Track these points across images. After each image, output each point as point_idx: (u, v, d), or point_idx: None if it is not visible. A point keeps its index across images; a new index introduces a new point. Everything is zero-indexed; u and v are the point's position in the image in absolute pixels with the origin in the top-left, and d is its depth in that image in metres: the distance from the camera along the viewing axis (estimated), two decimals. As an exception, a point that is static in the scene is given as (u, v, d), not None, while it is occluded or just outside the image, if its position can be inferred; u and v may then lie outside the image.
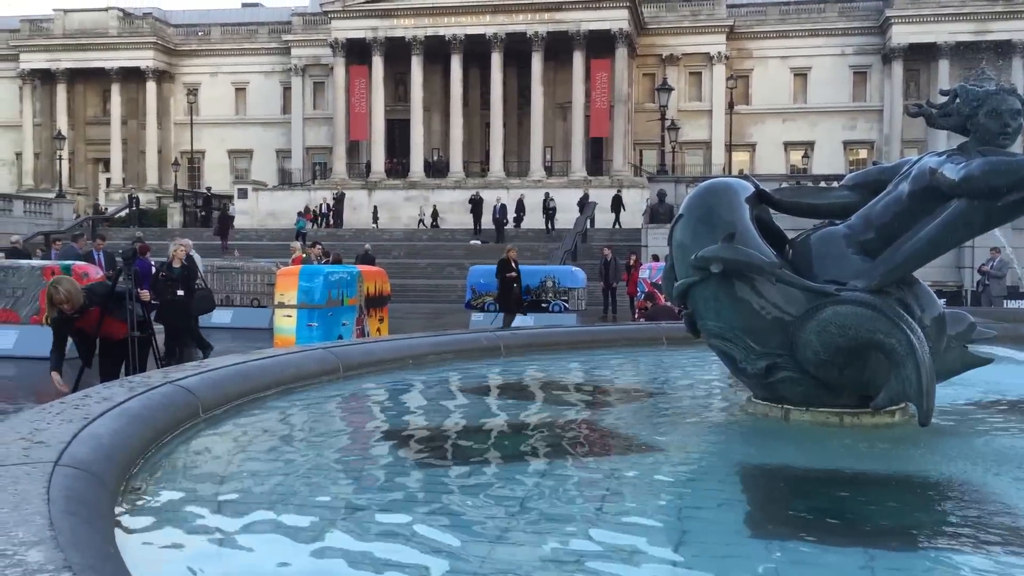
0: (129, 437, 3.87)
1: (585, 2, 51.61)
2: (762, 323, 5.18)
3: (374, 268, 14.38)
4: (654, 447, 4.88)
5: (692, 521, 3.62)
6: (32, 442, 3.22)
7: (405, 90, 55.18)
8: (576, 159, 52.73)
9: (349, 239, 39.64)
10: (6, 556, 2.06)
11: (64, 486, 2.74)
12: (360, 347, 7.74)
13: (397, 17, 53.30)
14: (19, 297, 14.89)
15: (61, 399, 4.32)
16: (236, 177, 58.57)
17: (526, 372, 7.84)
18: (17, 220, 38.33)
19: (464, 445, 5.08)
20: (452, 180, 51.92)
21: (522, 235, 40.35)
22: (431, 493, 3.98)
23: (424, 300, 29.75)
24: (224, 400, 5.29)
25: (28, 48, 60.60)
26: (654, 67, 55.68)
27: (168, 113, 61.75)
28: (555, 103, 55.04)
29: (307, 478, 4.17)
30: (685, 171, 49.89)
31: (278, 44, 60.59)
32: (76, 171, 60.71)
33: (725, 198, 5.44)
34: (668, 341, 9.04)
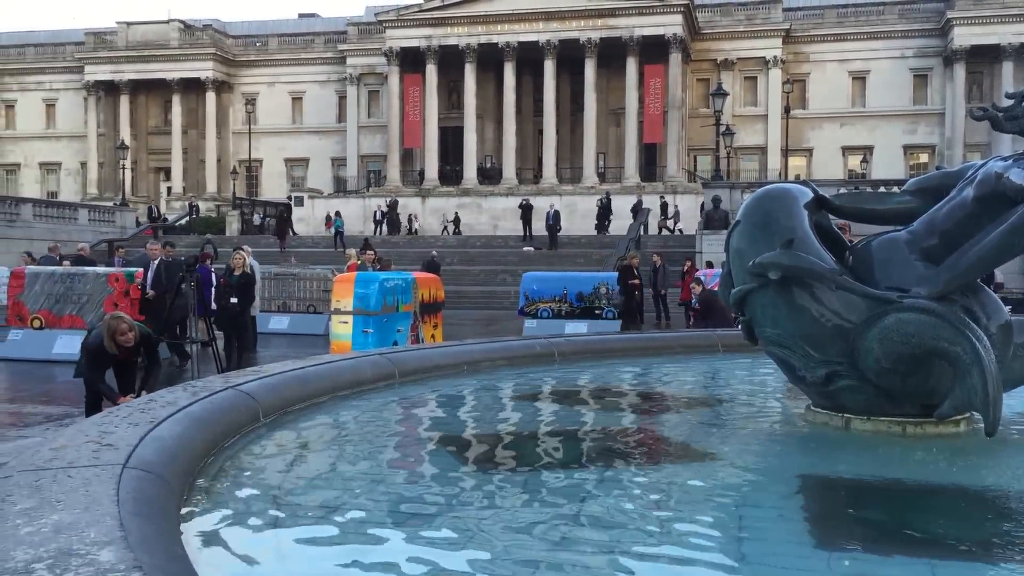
0: (192, 440, 3.95)
1: (639, 8, 51.43)
2: (822, 330, 5.10)
3: (429, 275, 14.48)
4: (711, 455, 4.83)
5: (751, 531, 3.58)
6: (101, 445, 3.31)
7: (458, 97, 55.50)
8: (629, 165, 52.51)
9: (403, 246, 39.98)
10: (79, 555, 2.12)
11: (132, 488, 2.81)
12: (416, 353, 7.80)
13: (451, 25, 53.66)
14: (84, 303, 15.27)
15: (128, 403, 4.42)
16: (292, 185, 59.41)
17: (580, 379, 7.83)
18: (82, 228, 39.35)
19: (519, 451, 5.09)
20: (505, 187, 52.05)
21: (574, 241, 40.29)
22: (486, 499, 3.99)
23: (477, 306, 29.83)
24: (283, 405, 5.37)
25: (92, 60, 62.21)
26: (708, 72, 55.23)
27: (227, 123, 62.90)
28: (608, 109, 54.90)
29: (364, 482, 4.22)
30: (740, 177, 49.42)
31: (334, 54, 61.39)
32: (138, 180, 62.12)
33: (783, 204, 5.38)
34: (724, 348, 8.95)
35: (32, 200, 42.06)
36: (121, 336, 7.08)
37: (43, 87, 65.80)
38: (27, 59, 66.19)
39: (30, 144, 65.82)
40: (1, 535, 2.28)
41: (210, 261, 18.22)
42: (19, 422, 9.79)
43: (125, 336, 7.09)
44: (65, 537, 2.25)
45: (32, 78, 65.93)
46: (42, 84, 65.81)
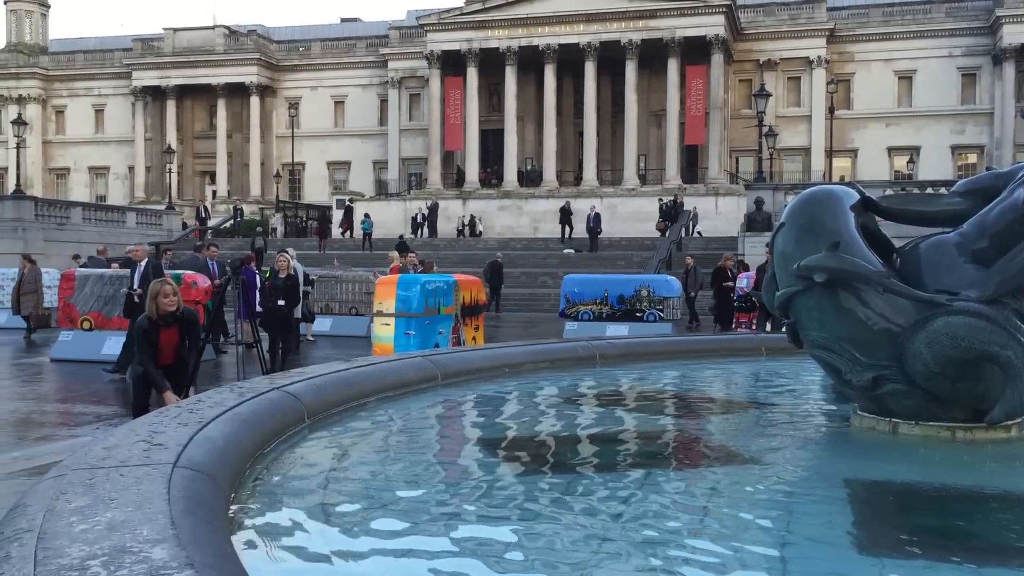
0: (240, 440, 4.00)
1: (680, 9, 51.16)
2: (868, 334, 5.03)
3: (470, 277, 14.51)
4: (756, 459, 4.79)
5: (797, 536, 3.55)
6: (152, 444, 3.37)
7: (499, 100, 55.62)
8: (670, 167, 52.23)
9: (444, 248, 40.14)
10: (132, 553, 2.16)
11: (183, 486, 2.86)
12: (458, 355, 7.83)
13: (491, 28, 53.80)
14: (133, 305, 15.51)
15: (177, 403, 4.50)
16: (334, 188, 59.95)
17: (622, 381, 7.81)
18: (130, 231, 40.06)
19: (561, 454, 5.09)
20: (545, 189, 52.05)
21: (615, 243, 40.18)
22: (528, 501, 3.99)
23: (518, 309, 29.88)
24: (328, 406, 5.42)
25: (140, 66, 63.31)
26: (751, 72, 54.76)
27: (270, 127, 63.65)
28: (649, 111, 54.66)
29: (408, 483, 4.24)
30: (783, 178, 48.91)
31: (375, 57, 61.85)
32: (184, 183, 63.06)
33: (829, 206, 5.32)
34: (767, 351, 8.87)
35: (82, 204, 42.93)
36: (164, 299, 7.23)
37: (92, 93, 67.10)
38: (77, 65, 67.56)
39: (79, 149, 67.16)
40: (56, 532, 2.33)
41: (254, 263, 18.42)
42: (70, 422, 9.99)
43: (168, 299, 7.24)
44: (118, 535, 2.30)
45: (81, 84, 67.27)
46: (91, 90, 67.12)
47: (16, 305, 21.01)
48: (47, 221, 35.90)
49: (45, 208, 37.08)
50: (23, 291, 20.79)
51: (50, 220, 36.21)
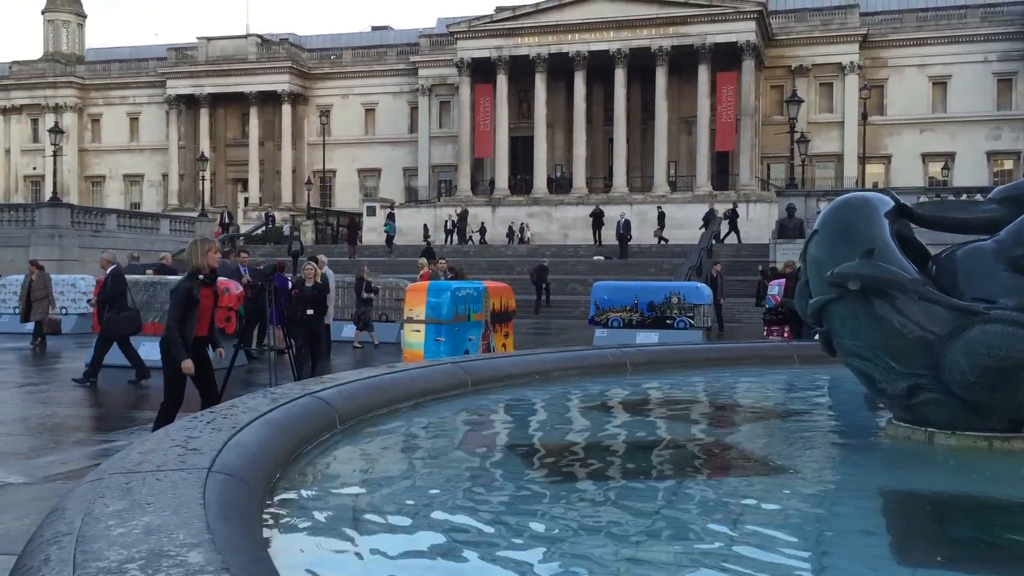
0: (273, 446, 4.03)
1: (711, 15, 51.00)
2: (904, 342, 4.98)
3: (500, 284, 14.52)
4: (789, 469, 4.75)
5: (832, 546, 3.51)
6: (187, 449, 3.40)
7: (528, 107, 55.72)
8: (701, 173, 52.01)
9: (473, 255, 40.23)
10: (169, 556, 2.18)
11: (218, 491, 2.88)
12: (488, 362, 7.83)
13: (521, 36, 53.93)
14: (167, 311, 15.66)
15: (210, 409, 4.53)
16: (365, 195, 60.34)
17: (652, 389, 7.77)
18: (164, 238, 40.54)
19: (590, 462, 5.07)
20: (575, 196, 52.03)
21: (645, 250, 40.05)
22: (558, 509, 3.98)
23: (547, 316, 29.83)
24: (359, 412, 5.44)
25: (174, 75, 64.15)
26: (782, 79, 54.44)
27: (302, 134, 64.19)
28: (679, 117, 54.50)
29: (438, 489, 4.25)
30: (815, 185, 48.51)
31: (406, 65, 62.21)
32: (217, 191, 63.75)
33: (863, 212, 5.27)
34: (800, 359, 8.80)
35: (117, 211, 43.53)
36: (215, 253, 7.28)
37: (127, 101, 68.08)
38: (112, 74, 68.59)
39: (115, 157, 68.14)
40: (95, 535, 2.36)
41: (286, 270, 18.58)
42: (105, 426, 10.11)
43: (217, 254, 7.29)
44: (155, 538, 2.32)
45: (117, 93, 68.27)
46: (126, 98, 68.10)
47: (26, 312, 20.45)
48: (83, 228, 36.42)
49: (81, 215, 37.63)
50: (33, 297, 20.19)
51: (86, 227, 36.73)
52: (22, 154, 68.82)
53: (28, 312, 20.36)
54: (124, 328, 13.66)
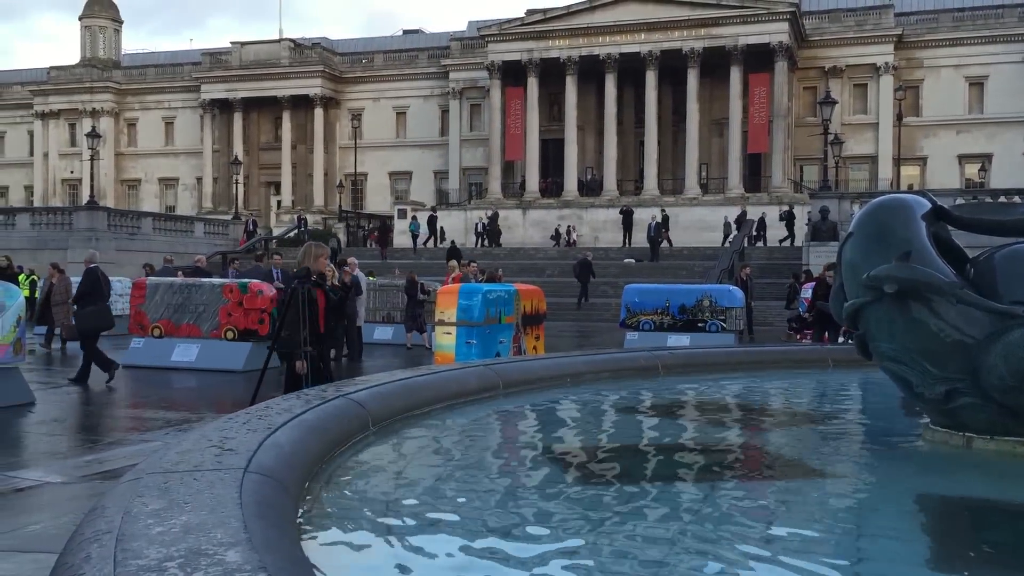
0: (307, 447, 4.06)
1: (743, 16, 50.69)
2: (941, 346, 4.91)
3: (531, 287, 14.53)
4: (823, 473, 4.71)
5: (868, 552, 3.47)
6: (223, 449, 3.43)
7: (559, 110, 55.70)
8: (733, 176, 51.70)
9: (504, 257, 40.25)
10: (207, 555, 2.21)
11: (253, 491, 2.91)
12: (519, 365, 7.84)
13: (552, 38, 53.94)
14: (201, 313, 15.87)
15: (245, 410, 4.58)
16: (396, 198, 60.61)
17: (684, 392, 7.73)
18: (198, 240, 41.02)
19: (622, 465, 5.05)
20: (606, 198, 51.92)
21: (676, 253, 39.87)
22: (590, 512, 3.97)
23: (579, 319, 29.81)
24: (391, 413, 5.46)
25: (208, 80, 64.86)
26: (816, 80, 53.99)
27: (334, 137, 64.63)
28: (711, 119, 54.22)
29: (471, 491, 4.26)
30: (849, 187, 48.08)
31: (437, 69, 62.44)
32: (250, 194, 64.34)
33: (900, 215, 5.21)
34: (834, 363, 8.71)
35: (152, 214, 44.11)
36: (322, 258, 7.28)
37: (162, 106, 68.93)
38: (148, 79, 69.48)
39: (150, 160, 69.01)
40: (134, 534, 2.39)
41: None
42: (141, 427, 10.24)
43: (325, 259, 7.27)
44: (194, 537, 2.35)
45: (152, 97, 69.14)
46: (161, 103, 68.95)
47: (40, 315, 19.87)
48: (119, 231, 36.94)
49: (117, 218, 38.16)
50: (54, 302, 19.52)
51: (122, 230, 37.25)
52: (60, 158, 69.89)
53: (44, 315, 19.90)
54: (93, 323, 13.48)
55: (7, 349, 10.75)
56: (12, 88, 73.64)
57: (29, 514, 6.41)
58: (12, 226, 36.74)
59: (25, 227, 36.43)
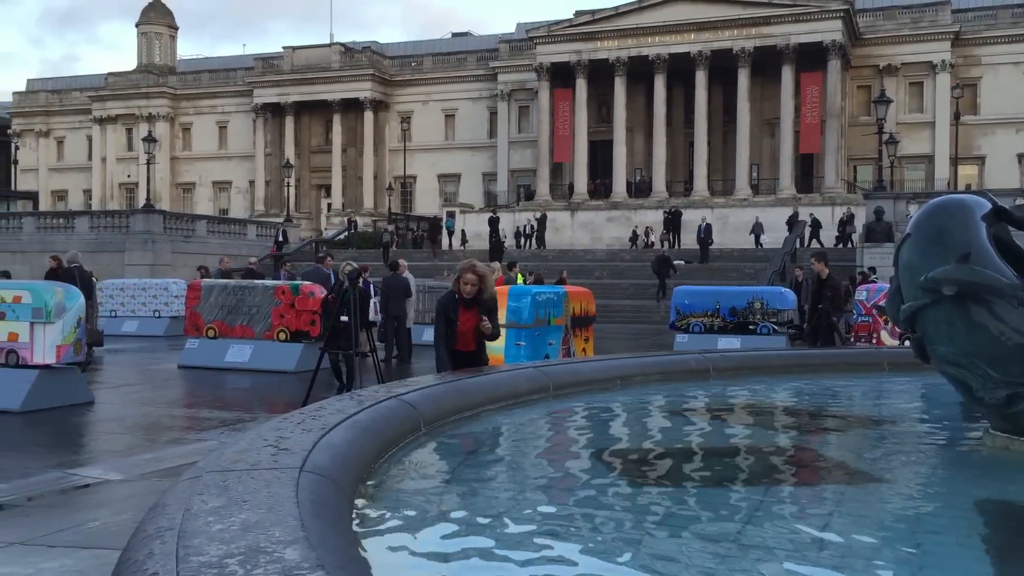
0: (360, 447, 4.10)
1: (795, 15, 50.05)
2: (1002, 349, 4.81)
3: (580, 288, 14.49)
4: (879, 478, 4.63)
5: (927, 559, 3.41)
6: (279, 449, 3.49)
7: (608, 111, 55.51)
8: (784, 176, 51.06)
9: (552, 259, 40.21)
10: (267, 553, 2.24)
11: (309, 490, 2.95)
12: (569, 367, 7.83)
13: (600, 40, 53.78)
14: (254, 314, 16.10)
15: (299, 410, 4.64)
16: (444, 200, 60.87)
17: (736, 395, 7.66)
18: (251, 243, 41.62)
19: (673, 468, 5.02)
20: (655, 200, 51.60)
21: (727, 254, 39.50)
22: (642, 514, 3.96)
23: (628, 321, 29.66)
24: (442, 415, 5.50)
25: (261, 84, 65.81)
26: (870, 78, 53.11)
27: (383, 140, 65.14)
28: (762, 119, 53.60)
29: (522, 492, 4.27)
30: (904, 187, 47.17)
31: (485, 71, 62.63)
32: (301, 197, 65.12)
33: (959, 216, 5.11)
34: (890, 366, 8.56)
35: (206, 217, 44.85)
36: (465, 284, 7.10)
37: (216, 110, 70.08)
38: (202, 84, 70.70)
39: (204, 164, 70.21)
40: (195, 531, 2.44)
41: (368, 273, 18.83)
42: (196, 426, 10.42)
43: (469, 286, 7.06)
44: (253, 535, 2.39)
45: (206, 102, 70.34)
46: (215, 107, 70.11)
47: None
48: (174, 234, 37.62)
49: (172, 221, 38.87)
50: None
51: (177, 233, 37.93)
52: (117, 162, 71.41)
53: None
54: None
55: (68, 349, 11.01)
56: (72, 94, 75.46)
57: (90, 511, 6.56)
58: (71, 229, 37.63)
59: (84, 230, 37.29)
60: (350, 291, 8.20)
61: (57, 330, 10.88)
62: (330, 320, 11.54)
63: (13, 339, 10.87)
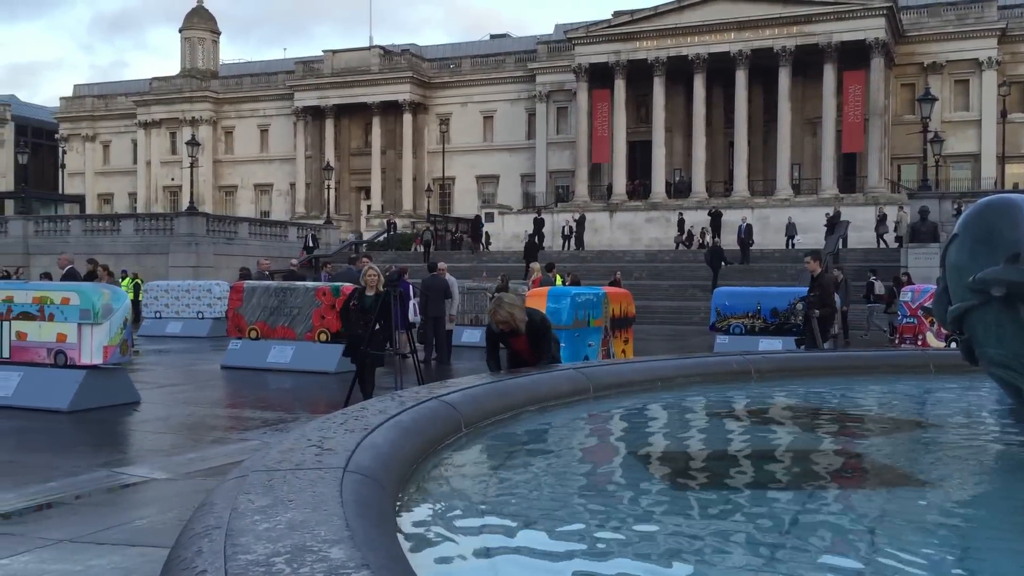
0: (402, 448, 4.12)
1: (838, 13, 49.46)
2: (1053, 352, 4.71)
3: (620, 290, 14.45)
4: (926, 482, 4.56)
5: (977, 564, 3.35)
6: (322, 449, 3.52)
7: (647, 111, 55.28)
8: (826, 176, 50.47)
9: (591, 260, 40.13)
10: (313, 552, 2.27)
11: (353, 490, 2.97)
12: (609, 368, 7.81)
13: (639, 40, 53.58)
14: (295, 316, 16.25)
15: (342, 411, 4.67)
16: (483, 201, 61.01)
17: (778, 397, 7.59)
18: (292, 245, 42.03)
19: (715, 470, 4.99)
20: (694, 200, 51.27)
21: (767, 255, 39.13)
22: (682, 518, 3.93)
23: (667, 322, 29.50)
24: (483, 416, 5.50)
25: (301, 87, 66.48)
26: (914, 76, 52.33)
27: (422, 142, 65.47)
28: (803, 118, 53.04)
29: (563, 493, 4.27)
30: (950, 187, 46.39)
31: (524, 72, 62.67)
32: (341, 199, 65.64)
33: (1008, 215, 5.01)
34: (936, 368, 8.42)
35: (248, 219, 45.39)
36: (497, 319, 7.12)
37: (258, 114, 70.89)
38: (244, 88, 71.57)
39: (246, 167, 71.06)
40: (242, 529, 2.47)
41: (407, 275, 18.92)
42: (239, 426, 10.54)
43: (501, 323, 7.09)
44: (298, 534, 2.41)
45: (248, 106, 71.18)
46: (257, 111, 70.92)
47: None
48: (217, 236, 38.11)
49: (215, 224, 39.39)
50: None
51: (220, 235, 38.42)
52: (161, 166, 72.52)
53: None
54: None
55: (114, 350, 11.20)
56: (117, 99, 76.77)
57: (136, 509, 6.67)
58: (117, 232, 38.29)
59: (129, 233, 37.92)
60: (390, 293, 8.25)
61: (104, 331, 11.07)
62: (351, 327, 10.74)
63: (61, 340, 11.08)
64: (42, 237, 38.91)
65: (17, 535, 5.73)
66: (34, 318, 11.20)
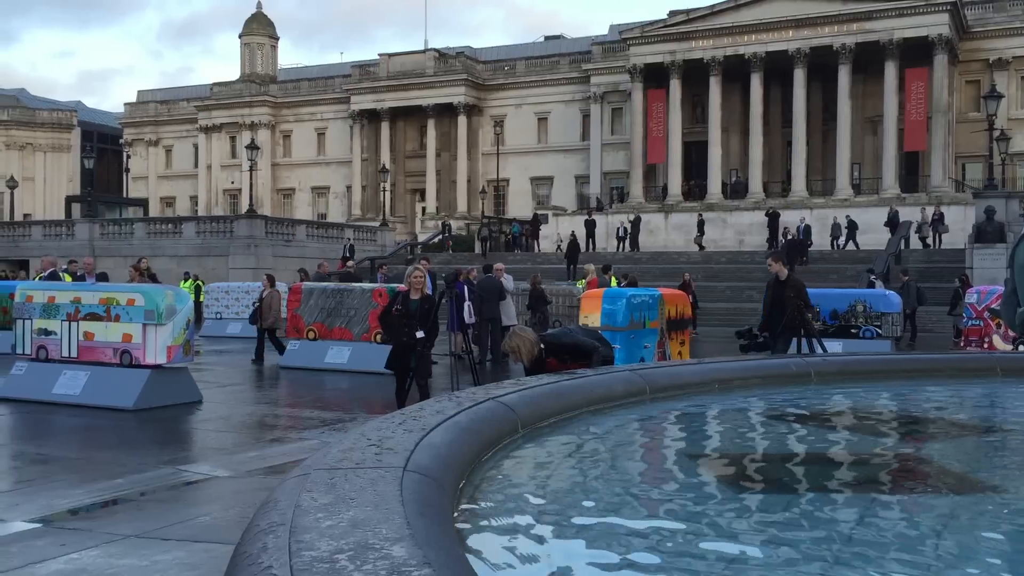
0: (460, 448, 4.14)
1: (899, 9, 48.52)
2: None
3: (676, 291, 14.36)
4: (994, 488, 4.45)
5: (1048, 573, 3.26)
6: (382, 448, 3.55)
7: (702, 111, 54.82)
8: (888, 175, 49.51)
9: (646, 262, 39.91)
10: (375, 549, 2.29)
11: (413, 489, 3.00)
12: (666, 370, 7.75)
13: (695, 39, 53.15)
14: (352, 317, 16.45)
15: (400, 410, 4.72)
16: (537, 203, 61.06)
17: (838, 400, 7.46)
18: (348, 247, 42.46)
19: (774, 474, 4.93)
20: (751, 201, 50.69)
21: (827, 256, 38.51)
22: (740, 522, 3.90)
23: (723, 323, 29.19)
24: (540, 417, 5.50)
25: (357, 91, 67.24)
26: (978, 73, 51.08)
27: (476, 144, 65.75)
28: (863, 117, 52.12)
29: (620, 495, 4.25)
30: (1016, 186, 45.19)
31: (578, 73, 62.59)
32: (396, 201, 66.25)
33: (1080, 215, 4.88)
34: (1004, 372, 8.21)
35: (305, 221, 46.05)
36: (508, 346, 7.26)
37: (315, 117, 71.90)
38: (301, 92, 72.65)
39: (303, 170, 72.08)
40: (306, 527, 2.51)
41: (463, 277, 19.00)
42: (299, 425, 10.70)
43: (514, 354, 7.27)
44: (360, 532, 2.44)
45: (306, 110, 72.22)
46: (314, 115, 71.93)
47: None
48: (275, 238, 38.74)
49: (274, 226, 40.04)
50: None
51: (278, 237, 39.04)
52: (221, 169, 73.92)
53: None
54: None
55: (178, 350, 11.45)
56: (179, 104, 78.46)
57: (199, 506, 6.81)
58: (179, 234, 39.12)
59: (191, 235, 38.71)
60: (447, 293, 8.30)
61: (168, 331, 11.32)
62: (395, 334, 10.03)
63: (127, 340, 11.37)
64: (107, 239, 39.94)
65: (85, 530, 5.89)
66: (101, 319, 11.50)
